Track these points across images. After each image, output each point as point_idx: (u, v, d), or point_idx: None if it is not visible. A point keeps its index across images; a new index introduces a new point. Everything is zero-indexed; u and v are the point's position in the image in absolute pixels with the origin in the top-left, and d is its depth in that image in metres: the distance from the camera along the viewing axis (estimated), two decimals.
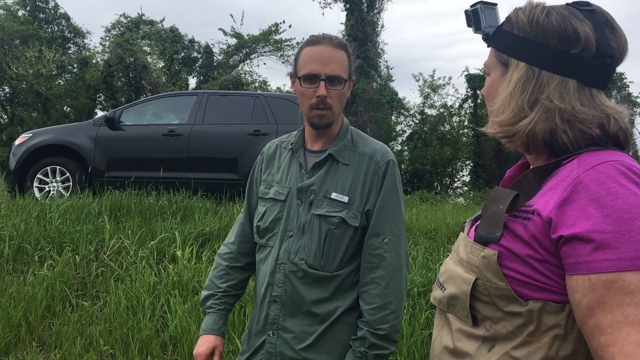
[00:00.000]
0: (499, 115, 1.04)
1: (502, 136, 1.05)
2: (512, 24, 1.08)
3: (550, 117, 0.99)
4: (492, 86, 1.11)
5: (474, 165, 19.81)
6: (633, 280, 0.83)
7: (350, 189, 1.69)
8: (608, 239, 0.85)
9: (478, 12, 1.16)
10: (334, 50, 1.67)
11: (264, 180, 1.83)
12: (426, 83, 21.06)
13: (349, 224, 1.66)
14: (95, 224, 5.45)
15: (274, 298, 1.68)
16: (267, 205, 1.76)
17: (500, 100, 1.05)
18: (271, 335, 1.68)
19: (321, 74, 1.64)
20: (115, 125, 7.22)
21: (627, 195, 0.86)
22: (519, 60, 1.05)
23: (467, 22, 1.19)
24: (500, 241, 0.98)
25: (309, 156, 1.77)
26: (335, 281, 1.67)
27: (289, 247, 1.68)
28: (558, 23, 1.01)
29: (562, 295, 0.92)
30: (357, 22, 18.60)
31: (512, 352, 0.96)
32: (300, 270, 1.66)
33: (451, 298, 1.07)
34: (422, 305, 4.02)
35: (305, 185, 1.70)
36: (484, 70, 1.16)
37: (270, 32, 21.70)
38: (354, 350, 1.63)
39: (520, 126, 1.00)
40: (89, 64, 20.38)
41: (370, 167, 1.72)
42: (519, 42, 1.05)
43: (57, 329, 3.89)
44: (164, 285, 4.34)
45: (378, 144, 1.79)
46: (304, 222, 1.68)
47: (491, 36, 1.13)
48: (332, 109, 1.68)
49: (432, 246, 5.58)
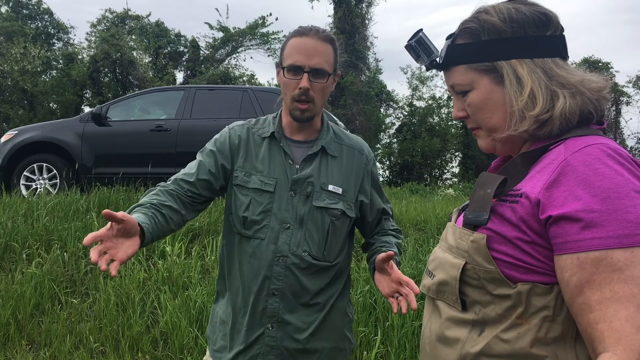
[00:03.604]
0: (529, 110, 1.02)
1: (537, 127, 1.03)
2: (474, 32, 1.07)
3: (578, 90, 1.01)
4: (488, 96, 1.07)
5: (463, 156, 19.92)
6: (620, 257, 0.84)
7: (342, 181, 1.73)
8: (596, 218, 0.86)
9: (424, 40, 1.15)
10: (320, 43, 1.65)
11: (242, 168, 1.73)
12: (414, 75, 21.12)
13: (347, 215, 1.72)
14: (83, 221, 5.41)
15: (272, 291, 1.65)
16: (252, 196, 1.69)
17: (522, 100, 1.02)
18: (270, 328, 1.66)
19: (305, 66, 1.63)
20: (102, 121, 7.16)
21: (614, 175, 0.88)
22: (507, 60, 1.04)
23: (414, 56, 1.16)
24: (487, 224, 0.99)
25: (293, 146, 1.75)
26: (333, 270, 1.72)
27: (288, 239, 1.66)
28: (529, 12, 1.04)
29: (550, 276, 0.93)
30: (345, 15, 18.56)
31: (502, 335, 0.97)
32: (304, 261, 1.66)
33: (440, 284, 1.08)
34: None
35: (302, 177, 1.68)
36: (458, 90, 1.11)
37: (256, 25, 21.61)
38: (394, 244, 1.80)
39: (557, 109, 1.00)
40: (75, 60, 20.18)
41: (362, 161, 1.79)
42: (496, 44, 1.05)
43: (47, 327, 3.86)
44: (153, 281, 4.31)
45: (360, 138, 1.87)
46: (303, 213, 1.67)
47: (451, 55, 1.10)
48: (315, 102, 1.67)
49: (422, 237, 5.59)
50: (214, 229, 5.39)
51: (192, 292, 4.07)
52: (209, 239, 5.08)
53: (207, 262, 4.69)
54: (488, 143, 1.13)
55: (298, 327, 1.67)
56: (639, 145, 20.69)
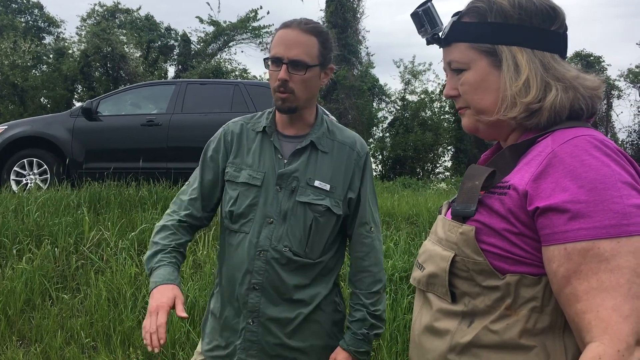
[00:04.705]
0: (524, 96, 1.02)
1: (525, 115, 1.03)
2: (481, 13, 1.06)
3: (571, 86, 1.01)
4: (483, 78, 1.07)
5: (456, 150, 19.97)
6: (607, 247, 0.85)
7: (331, 177, 1.70)
8: (582, 208, 0.87)
9: (430, 10, 1.13)
10: (302, 34, 1.63)
11: (232, 163, 1.74)
12: (407, 69, 21.11)
13: (333, 212, 1.68)
14: (74, 216, 5.38)
15: (253, 285, 1.64)
16: (240, 190, 1.69)
17: (517, 86, 1.02)
18: (251, 323, 1.65)
19: (284, 58, 1.61)
20: (92, 115, 7.11)
21: (600, 166, 0.89)
22: (509, 45, 1.04)
23: (418, 26, 1.14)
24: (475, 215, 0.99)
25: (283, 141, 1.74)
26: (317, 268, 1.69)
27: (269, 233, 1.64)
28: (540, 3, 1.04)
29: (538, 267, 0.94)
30: (336, 8, 18.52)
31: (491, 326, 0.97)
32: (284, 257, 1.64)
33: (430, 276, 1.08)
34: (404, 290, 4.04)
35: (288, 171, 1.67)
36: (455, 67, 1.11)
37: (248, 19, 21.52)
38: (355, 333, 1.70)
39: (548, 100, 1.00)
40: (66, 55, 20.04)
41: (352, 157, 1.74)
42: (501, 27, 1.04)
43: (37, 323, 3.84)
44: (145, 276, 4.29)
45: (354, 134, 1.81)
46: (286, 208, 1.66)
47: (455, 32, 1.09)
48: (295, 94, 1.64)
49: (414, 231, 5.60)
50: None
51: (183, 287, 4.06)
52: (200, 234, 5.07)
53: (198, 256, 4.68)
54: (472, 123, 1.13)
55: (279, 322, 1.66)
56: (630, 138, 20.82)
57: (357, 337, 1.70)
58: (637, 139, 20.60)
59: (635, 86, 20.80)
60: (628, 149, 20.23)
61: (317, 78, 1.69)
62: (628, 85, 20.95)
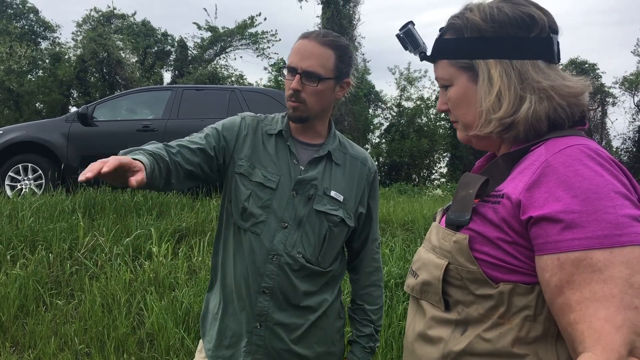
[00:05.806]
0: (495, 112, 1.02)
1: (501, 130, 1.04)
2: (458, 29, 1.08)
3: (546, 95, 1.00)
4: (464, 93, 1.09)
5: (451, 156, 20.00)
6: (600, 258, 0.85)
7: (344, 189, 1.72)
8: (576, 218, 0.87)
9: (412, 32, 1.17)
10: (318, 46, 1.64)
11: (247, 156, 1.71)
12: (402, 76, 21.17)
13: (346, 224, 1.71)
14: (69, 221, 5.35)
15: (263, 289, 1.64)
16: (253, 189, 1.67)
17: (489, 100, 1.03)
18: (259, 327, 1.64)
19: (298, 68, 1.63)
20: (88, 121, 7.10)
21: (593, 176, 0.89)
22: (485, 60, 1.04)
23: (403, 46, 1.20)
24: (469, 224, 0.99)
25: (299, 147, 1.74)
26: (326, 276, 1.72)
27: (284, 238, 1.64)
28: (513, 13, 1.03)
29: (531, 276, 0.94)
30: (333, 15, 18.56)
31: (484, 335, 0.97)
32: (297, 263, 1.64)
33: (424, 284, 1.08)
34: (399, 297, 4.05)
35: (307, 178, 1.68)
36: (440, 84, 1.14)
37: (245, 25, 21.56)
38: (364, 347, 1.80)
39: (522, 112, 1.00)
40: (62, 60, 20.01)
41: (364, 172, 1.78)
42: (477, 42, 1.05)
43: (31, 329, 3.82)
44: (140, 282, 4.28)
45: (363, 149, 1.87)
46: (302, 215, 1.66)
47: (437, 49, 1.12)
48: (307, 104, 1.65)
49: (410, 238, 5.61)
50: (201, 230, 5.37)
51: (178, 293, 4.05)
52: (195, 240, 5.05)
53: (193, 262, 4.67)
54: (464, 137, 1.16)
55: (287, 328, 1.66)
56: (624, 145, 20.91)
57: (366, 351, 1.80)
58: (631, 146, 20.68)
59: (630, 93, 20.91)
60: (623, 157, 20.30)
61: (330, 91, 1.69)
62: (623, 92, 21.06)
